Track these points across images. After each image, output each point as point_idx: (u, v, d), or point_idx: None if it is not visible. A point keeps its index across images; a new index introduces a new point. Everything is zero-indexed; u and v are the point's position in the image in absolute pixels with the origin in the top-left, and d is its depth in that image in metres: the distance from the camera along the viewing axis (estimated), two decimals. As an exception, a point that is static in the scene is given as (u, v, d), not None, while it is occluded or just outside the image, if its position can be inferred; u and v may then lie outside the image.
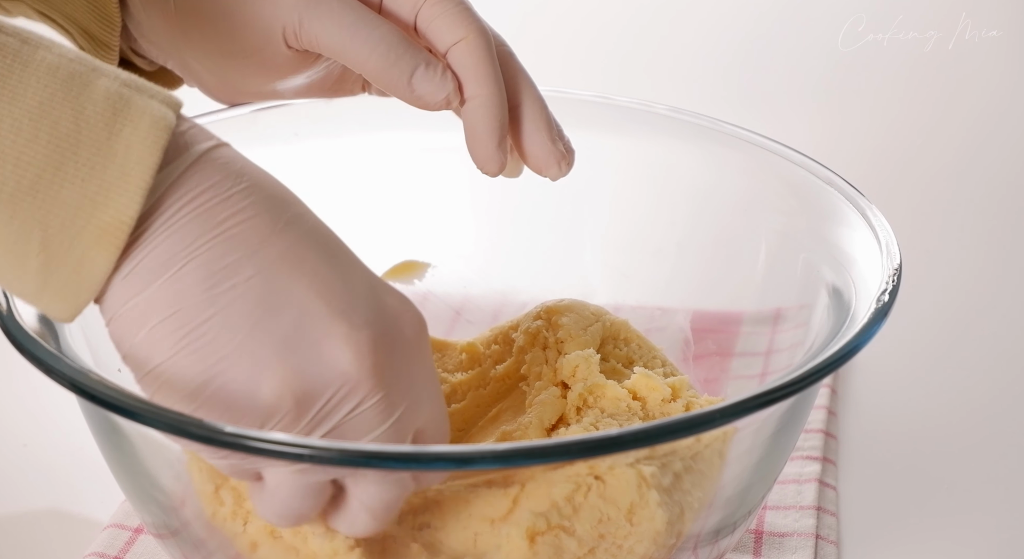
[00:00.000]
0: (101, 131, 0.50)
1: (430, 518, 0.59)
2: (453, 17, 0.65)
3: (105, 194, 0.49)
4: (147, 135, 0.50)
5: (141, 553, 0.71)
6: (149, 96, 0.51)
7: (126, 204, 0.49)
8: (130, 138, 0.50)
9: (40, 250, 0.50)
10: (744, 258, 0.75)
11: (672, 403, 0.69)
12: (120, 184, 0.49)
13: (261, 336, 0.51)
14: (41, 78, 0.50)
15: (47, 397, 0.76)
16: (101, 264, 0.50)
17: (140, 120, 0.50)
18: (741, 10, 1.30)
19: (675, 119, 0.77)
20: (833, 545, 0.72)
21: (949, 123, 1.20)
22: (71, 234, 0.50)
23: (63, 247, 0.50)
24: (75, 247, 0.50)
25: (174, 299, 0.50)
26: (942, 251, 1.02)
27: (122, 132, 0.50)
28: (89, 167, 0.49)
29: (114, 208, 0.49)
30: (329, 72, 0.70)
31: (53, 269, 0.50)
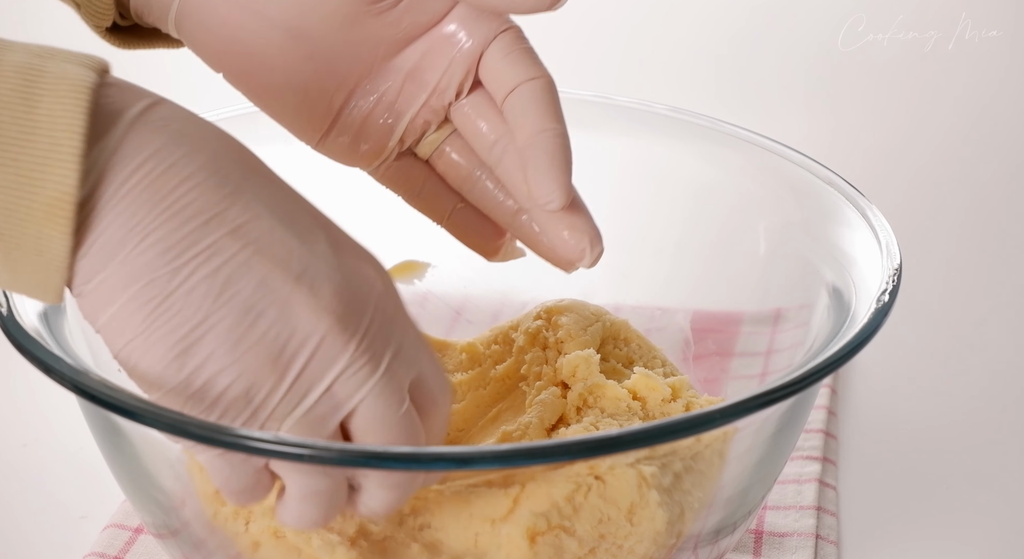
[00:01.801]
0: (18, 106, 0.48)
1: (430, 518, 0.59)
2: (532, 56, 0.65)
3: (40, 169, 0.48)
4: (67, 100, 0.48)
5: (141, 553, 0.71)
6: (64, 61, 0.49)
7: (64, 174, 0.48)
8: (51, 107, 0.48)
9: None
10: (744, 258, 0.75)
11: (672, 403, 0.69)
12: (52, 156, 0.48)
13: (225, 306, 0.50)
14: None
15: (47, 397, 0.76)
16: (58, 240, 0.49)
17: (57, 86, 0.48)
18: (741, 10, 1.30)
19: (675, 119, 0.77)
20: (833, 545, 0.72)
21: (949, 123, 1.20)
22: (20, 217, 0.48)
23: (17, 231, 0.49)
24: (28, 229, 0.49)
25: (135, 275, 0.50)
26: (942, 251, 1.02)
27: (41, 102, 0.48)
28: (16, 145, 0.48)
29: (53, 182, 0.48)
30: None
31: (15, 255, 0.49)
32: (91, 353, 0.61)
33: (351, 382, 0.52)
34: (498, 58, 0.64)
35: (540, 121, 0.63)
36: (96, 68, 0.50)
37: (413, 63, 0.65)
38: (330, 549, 0.58)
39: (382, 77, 0.65)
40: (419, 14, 0.64)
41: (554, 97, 0.64)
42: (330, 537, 0.58)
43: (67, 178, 0.48)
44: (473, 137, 0.66)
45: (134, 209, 0.49)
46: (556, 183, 0.62)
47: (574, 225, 0.64)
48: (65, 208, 0.48)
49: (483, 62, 0.65)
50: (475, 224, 0.68)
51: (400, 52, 0.65)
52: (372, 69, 0.65)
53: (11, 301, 0.59)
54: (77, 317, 0.62)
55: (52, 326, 0.60)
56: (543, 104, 0.63)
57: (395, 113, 0.66)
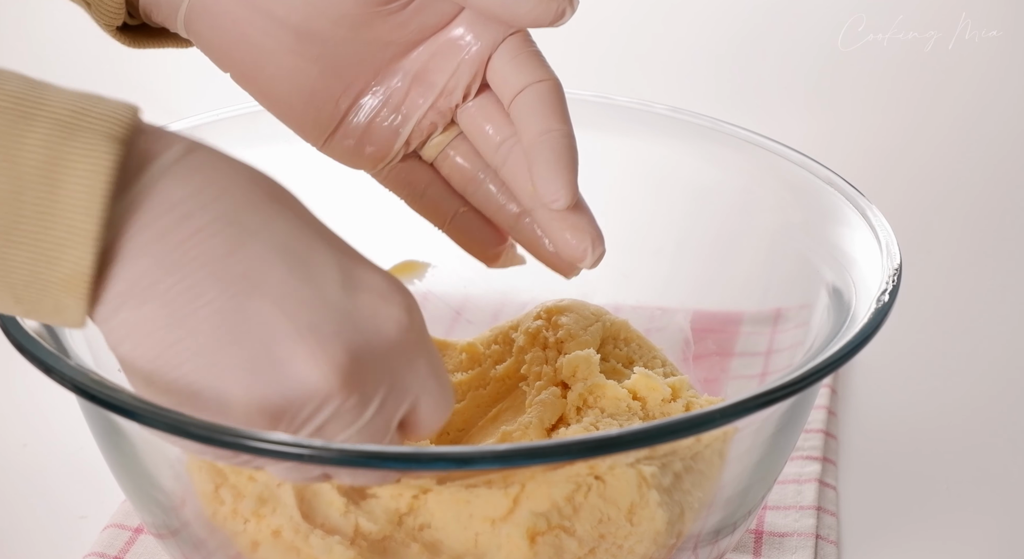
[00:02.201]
0: (42, 188, 0.49)
1: (430, 518, 0.59)
2: (539, 59, 0.65)
3: (58, 250, 0.49)
4: (89, 183, 0.49)
5: (141, 553, 0.71)
6: (91, 128, 0.49)
7: (79, 257, 0.49)
8: (73, 189, 0.49)
9: (15, 303, 0.50)
10: (744, 258, 0.75)
11: (672, 403, 0.69)
12: (70, 239, 0.49)
13: (227, 361, 0.51)
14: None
15: (47, 397, 0.76)
16: (75, 308, 0.50)
17: (79, 166, 0.49)
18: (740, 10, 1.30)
19: (675, 119, 0.77)
20: (833, 545, 0.72)
21: (949, 123, 1.20)
22: (38, 288, 0.50)
23: (36, 298, 0.50)
24: (46, 297, 0.50)
25: (142, 325, 0.51)
26: (942, 251, 1.02)
27: (64, 184, 0.49)
28: (38, 226, 0.49)
29: (69, 263, 0.49)
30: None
31: (36, 313, 0.51)
32: (91, 353, 0.61)
33: (339, 423, 0.52)
34: (506, 61, 0.65)
35: (547, 121, 0.63)
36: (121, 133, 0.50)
37: (420, 65, 0.65)
38: (329, 549, 0.58)
39: (389, 79, 0.65)
40: (427, 17, 0.64)
41: (561, 99, 0.64)
42: (329, 537, 0.58)
43: (82, 260, 0.49)
44: (479, 139, 0.66)
45: (144, 260, 0.50)
46: (562, 181, 0.62)
47: (577, 225, 0.64)
48: (80, 285, 0.50)
49: (491, 65, 0.65)
50: (477, 229, 0.68)
51: (407, 54, 0.65)
52: (379, 71, 0.65)
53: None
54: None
55: (52, 326, 0.60)
56: (550, 105, 0.64)
57: (402, 115, 0.66)
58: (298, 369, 0.51)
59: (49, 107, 0.50)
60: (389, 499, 0.59)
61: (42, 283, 0.50)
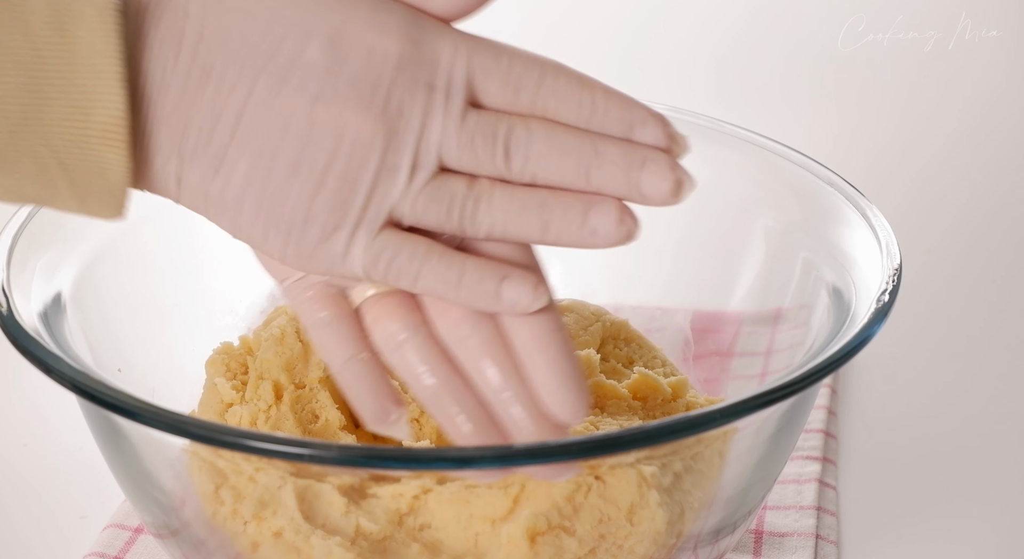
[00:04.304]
0: (55, 40, 0.49)
1: (430, 518, 0.59)
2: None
3: (88, 98, 0.49)
4: (97, 24, 0.49)
5: (141, 553, 0.71)
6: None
7: (112, 100, 0.49)
8: (85, 36, 0.49)
9: (60, 171, 0.50)
10: (744, 258, 0.75)
11: (672, 403, 0.69)
12: (97, 83, 0.49)
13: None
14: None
15: (47, 397, 0.76)
16: (118, 160, 0.50)
17: (84, 11, 0.49)
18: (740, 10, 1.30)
19: (675, 119, 0.77)
20: (833, 545, 0.72)
21: (949, 123, 1.20)
22: (79, 146, 0.50)
23: (78, 159, 0.50)
24: (88, 155, 0.50)
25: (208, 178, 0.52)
26: (942, 251, 1.02)
27: (75, 31, 0.49)
28: (62, 79, 0.49)
29: (103, 108, 0.49)
30: None
31: (81, 182, 0.51)
32: (91, 353, 0.61)
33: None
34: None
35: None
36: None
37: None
38: (329, 549, 0.58)
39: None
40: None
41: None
42: (330, 538, 0.58)
43: (115, 103, 0.49)
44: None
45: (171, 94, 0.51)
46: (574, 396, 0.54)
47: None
48: (119, 131, 0.50)
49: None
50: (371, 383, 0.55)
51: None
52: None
53: (11, 301, 0.59)
54: (77, 317, 0.63)
55: (52, 326, 0.60)
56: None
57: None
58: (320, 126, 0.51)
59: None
60: (390, 499, 0.60)
61: (81, 136, 0.50)
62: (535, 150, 0.52)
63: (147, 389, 0.64)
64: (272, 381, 0.66)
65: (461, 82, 0.52)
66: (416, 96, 0.51)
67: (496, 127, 0.52)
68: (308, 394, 0.66)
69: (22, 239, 0.63)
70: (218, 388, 0.66)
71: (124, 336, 0.68)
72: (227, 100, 0.51)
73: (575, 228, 0.53)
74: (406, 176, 0.51)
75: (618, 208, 0.53)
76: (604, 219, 0.52)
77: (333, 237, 0.52)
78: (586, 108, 0.53)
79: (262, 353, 0.67)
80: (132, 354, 0.67)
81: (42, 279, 0.63)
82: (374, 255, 0.52)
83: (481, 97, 0.52)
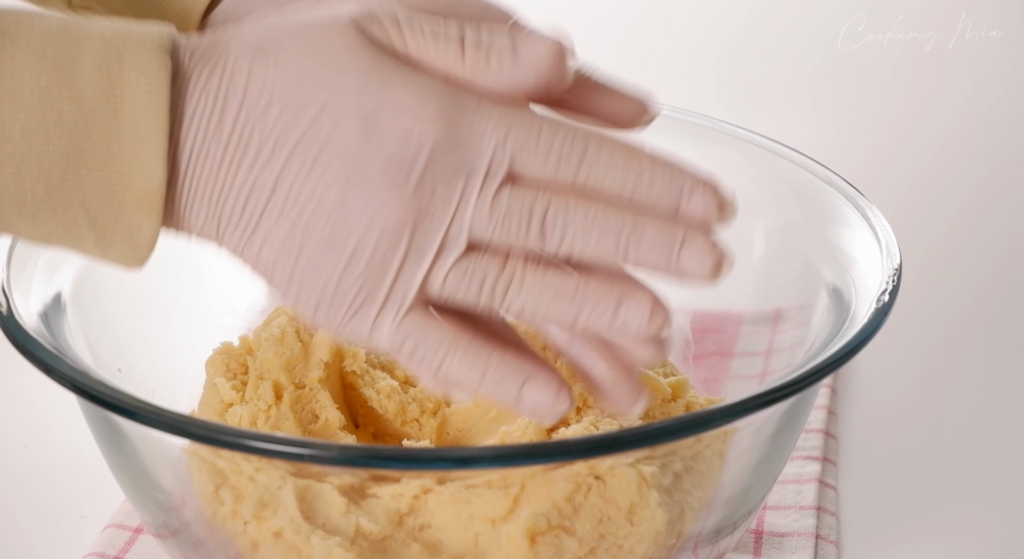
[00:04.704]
0: (105, 108, 0.50)
1: (430, 518, 0.59)
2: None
3: (129, 170, 0.50)
4: (148, 98, 0.50)
5: (141, 553, 0.71)
6: (138, 45, 0.50)
7: (151, 173, 0.50)
8: (134, 106, 0.50)
9: (90, 230, 0.51)
10: (744, 258, 0.75)
11: (672, 403, 0.69)
12: (139, 156, 0.50)
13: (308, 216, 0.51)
14: (31, 69, 0.50)
15: (47, 397, 0.76)
16: (149, 228, 0.51)
17: (138, 83, 0.50)
18: (741, 10, 1.30)
19: (675, 119, 0.77)
20: (833, 545, 0.72)
21: (949, 123, 1.20)
22: (112, 211, 0.51)
23: (109, 223, 0.51)
24: (120, 220, 0.51)
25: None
26: (942, 251, 1.02)
27: (125, 101, 0.50)
28: (106, 148, 0.50)
29: (142, 181, 0.50)
30: None
31: (108, 241, 0.51)
32: (91, 353, 0.61)
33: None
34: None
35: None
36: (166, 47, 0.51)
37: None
38: (329, 549, 0.58)
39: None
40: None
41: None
42: (330, 538, 0.58)
43: (154, 176, 0.50)
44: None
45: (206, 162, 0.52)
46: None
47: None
48: (154, 201, 0.51)
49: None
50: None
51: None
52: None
53: (11, 301, 0.59)
54: (77, 317, 0.63)
55: (52, 326, 0.60)
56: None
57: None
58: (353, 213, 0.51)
59: (94, 31, 0.51)
60: (390, 499, 0.59)
61: (117, 204, 0.50)
62: (572, 229, 0.51)
63: (147, 389, 0.64)
64: (272, 381, 0.66)
65: (499, 165, 0.51)
66: (452, 180, 0.51)
67: (533, 205, 0.51)
68: (308, 394, 0.66)
69: (22, 239, 0.63)
70: (218, 388, 0.66)
71: (124, 336, 0.68)
72: (261, 174, 0.51)
73: (606, 321, 0.52)
74: (432, 258, 0.51)
75: (650, 303, 0.52)
76: (635, 316, 0.52)
77: (359, 314, 0.52)
78: (631, 179, 0.52)
79: (262, 353, 0.67)
80: (132, 354, 0.67)
81: (42, 279, 0.63)
82: (400, 338, 0.52)
83: (521, 172, 0.51)
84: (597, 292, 0.52)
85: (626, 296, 0.52)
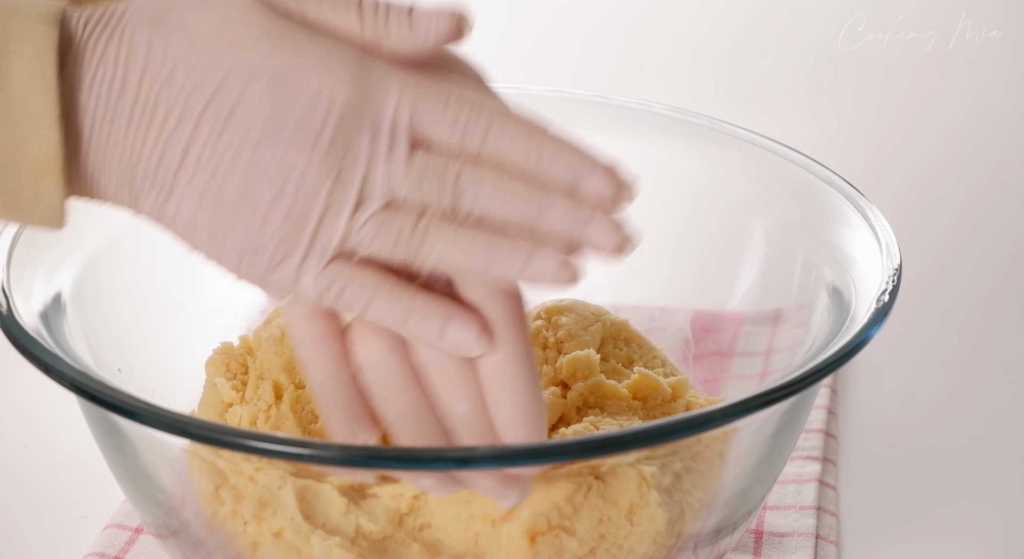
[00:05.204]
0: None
1: (430, 518, 0.59)
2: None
3: (23, 135, 0.51)
4: (35, 65, 0.51)
5: (141, 553, 0.71)
6: (24, 17, 0.51)
7: (45, 137, 0.51)
8: (20, 73, 0.51)
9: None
10: (744, 258, 0.75)
11: (672, 403, 0.69)
12: (32, 121, 0.51)
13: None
14: None
15: (47, 397, 0.76)
16: (54, 191, 0.52)
17: (23, 52, 0.51)
18: (741, 10, 1.30)
19: (675, 119, 0.77)
20: (833, 545, 0.72)
21: (949, 123, 1.20)
22: (14, 178, 0.51)
23: (14, 189, 0.52)
24: (23, 185, 0.52)
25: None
26: (942, 251, 1.02)
27: (11, 69, 0.51)
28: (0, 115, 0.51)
29: (38, 146, 0.51)
30: None
31: (18, 207, 0.52)
32: (91, 353, 0.61)
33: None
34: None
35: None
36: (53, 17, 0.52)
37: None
38: (329, 549, 0.58)
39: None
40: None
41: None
42: (330, 538, 0.58)
43: (49, 140, 0.51)
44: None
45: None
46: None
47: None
48: (53, 166, 0.52)
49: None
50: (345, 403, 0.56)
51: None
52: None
53: (11, 301, 0.59)
54: (77, 317, 0.63)
55: (52, 326, 0.60)
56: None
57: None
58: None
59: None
60: (390, 499, 0.60)
61: (16, 167, 0.51)
62: (484, 194, 0.53)
63: (147, 389, 0.64)
64: (272, 381, 0.66)
65: (405, 126, 0.52)
66: (361, 138, 0.52)
67: (446, 168, 0.53)
68: (308, 394, 0.66)
69: (22, 239, 0.63)
70: (218, 388, 0.66)
71: (124, 336, 0.68)
72: (172, 136, 0.52)
73: (517, 270, 0.53)
74: (350, 212, 0.52)
75: (561, 254, 0.53)
76: (545, 264, 0.53)
77: (282, 265, 0.53)
78: (532, 158, 0.53)
79: (262, 353, 0.67)
80: (132, 354, 0.67)
81: (42, 279, 0.63)
82: (325, 284, 0.53)
83: (429, 139, 0.53)
84: (510, 243, 0.53)
85: (538, 248, 0.53)
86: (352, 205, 0.52)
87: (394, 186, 0.53)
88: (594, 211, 0.53)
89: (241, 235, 0.52)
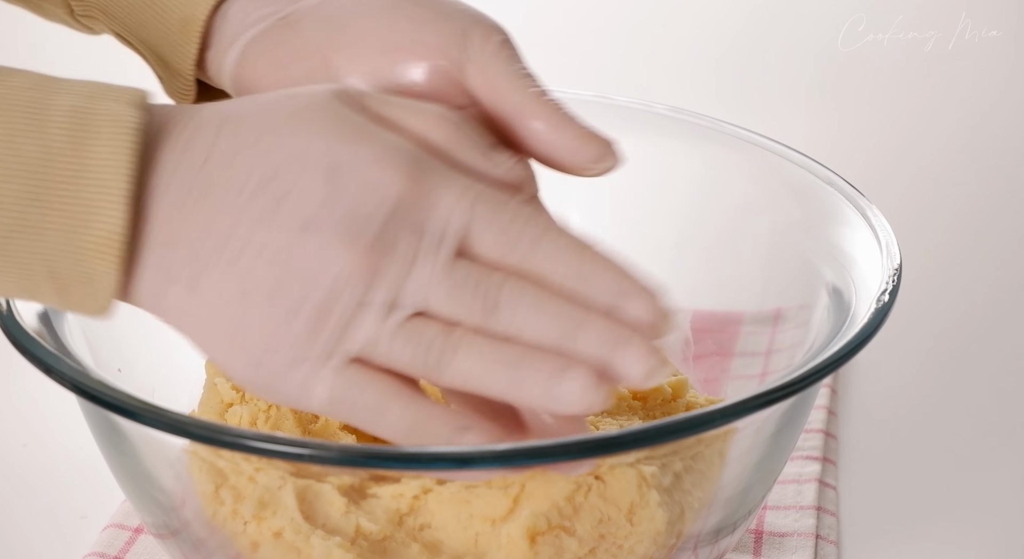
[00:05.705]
0: (69, 152, 0.49)
1: (430, 518, 0.59)
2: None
3: (89, 213, 0.49)
4: (114, 142, 0.49)
5: (141, 553, 0.71)
6: (112, 100, 0.50)
7: (112, 217, 0.49)
8: (100, 151, 0.49)
9: (47, 278, 0.50)
10: (744, 258, 0.75)
11: (672, 403, 0.69)
12: (102, 199, 0.49)
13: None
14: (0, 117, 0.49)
15: (47, 397, 0.76)
16: (109, 275, 0.50)
17: (103, 129, 0.50)
18: (741, 10, 1.30)
19: (675, 119, 0.77)
20: (833, 545, 0.72)
21: (949, 123, 1.20)
22: (71, 257, 0.50)
23: (67, 270, 0.50)
24: (79, 266, 0.50)
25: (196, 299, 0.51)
26: (942, 251, 1.02)
27: (91, 146, 0.49)
28: (68, 191, 0.49)
29: (103, 224, 0.50)
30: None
31: (66, 290, 0.51)
32: (91, 353, 0.61)
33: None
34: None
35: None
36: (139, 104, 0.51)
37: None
38: (329, 549, 0.58)
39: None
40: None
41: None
42: (330, 538, 0.58)
43: (116, 220, 0.50)
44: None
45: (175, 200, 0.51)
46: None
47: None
48: (114, 247, 0.50)
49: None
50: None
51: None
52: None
53: (11, 301, 0.59)
54: (77, 317, 0.62)
55: (52, 326, 0.60)
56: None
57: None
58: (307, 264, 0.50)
59: (69, 87, 0.51)
60: (390, 499, 0.60)
61: (75, 248, 0.50)
62: (520, 310, 0.51)
63: (147, 389, 0.64)
64: (272, 381, 0.66)
65: (455, 231, 0.51)
66: (408, 237, 0.50)
67: (487, 281, 0.51)
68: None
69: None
70: (218, 388, 0.66)
71: (124, 336, 0.68)
72: (217, 221, 0.50)
73: (543, 390, 0.51)
74: (380, 315, 0.50)
75: (592, 376, 0.51)
76: (574, 385, 0.50)
77: (297, 368, 0.50)
78: (576, 275, 0.51)
79: (262, 353, 0.67)
80: (132, 354, 0.67)
81: (42, 279, 0.63)
82: (340, 390, 0.51)
83: (475, 247, 0.51)
84: (539, 363, 0.51)
85: (568, 368, 0.51)
86: (386, 307, 0.50)
87: (430, 293, 0.50)
88: (632, 334, 0.51)
89: (263, 332, 0.50)
